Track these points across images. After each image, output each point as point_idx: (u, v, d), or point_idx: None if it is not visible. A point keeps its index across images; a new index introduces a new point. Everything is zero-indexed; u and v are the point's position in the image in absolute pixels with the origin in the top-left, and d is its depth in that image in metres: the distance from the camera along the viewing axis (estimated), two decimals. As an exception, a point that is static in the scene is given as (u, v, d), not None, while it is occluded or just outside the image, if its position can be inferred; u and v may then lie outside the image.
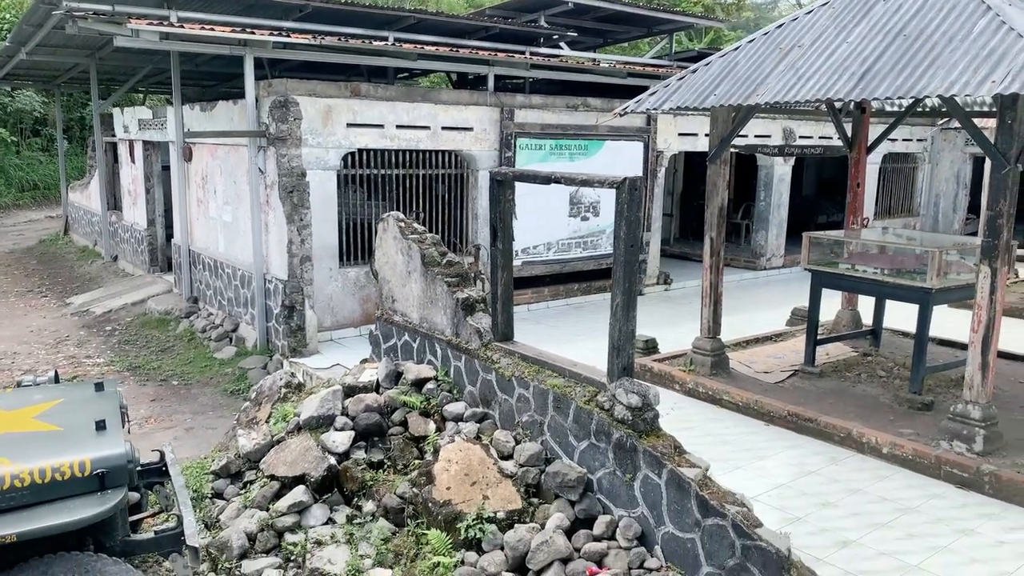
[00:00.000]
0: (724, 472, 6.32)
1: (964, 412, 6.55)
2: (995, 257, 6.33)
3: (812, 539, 5.35)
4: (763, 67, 7.50)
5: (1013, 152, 6.18)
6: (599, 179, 5.50)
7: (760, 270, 15.91)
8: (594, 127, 12.54)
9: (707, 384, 8.16)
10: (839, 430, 7.00)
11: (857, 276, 8.20)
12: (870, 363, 8.92)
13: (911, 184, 19.10)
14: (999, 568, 5.03)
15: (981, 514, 5.76)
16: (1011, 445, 6.58)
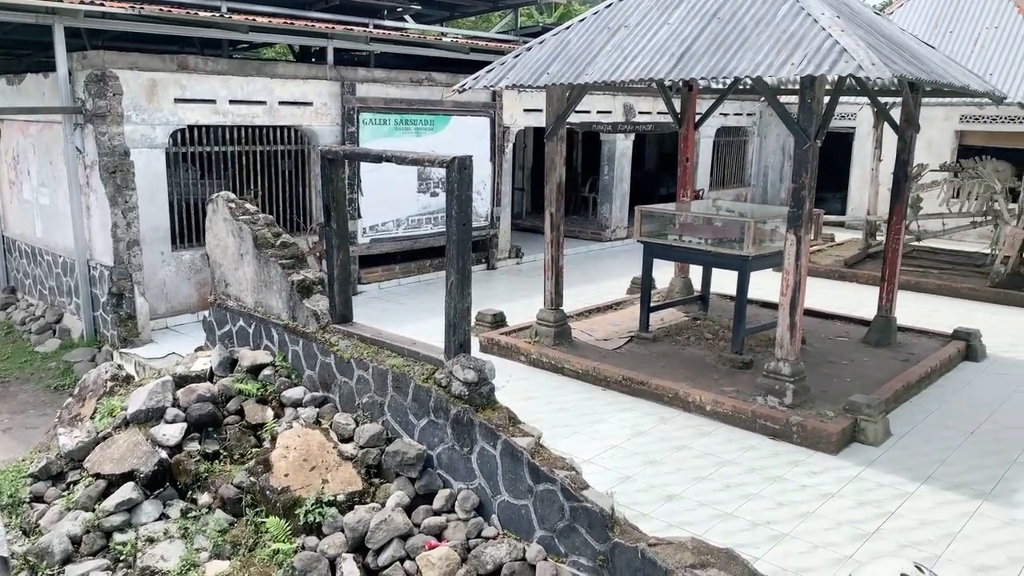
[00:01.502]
0: (562, 437, 6.60)
1: (776, 369, 7.13)
2: (800, 226, 6.89)
3: (640, 495, 5.69)
4: (592, 46, 7.74)
5: (813, 129, 6.73)
6: (429, 158, 5.53)
7: (606, 241, 16.51)
8: (440, 102, 12.51)
9: (550, 354, 8.44)
10: (668, 391, 7.45)
11: (684, 246, 8.69)
12: (699, 327, 9.51)
13: (742, 157, 20.35)
14: (802, 509, 5.56)
15: (789, 461, 6.33)
16: (817, 397, 7.24)
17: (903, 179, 8.86)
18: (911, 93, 8.48)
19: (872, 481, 6.01)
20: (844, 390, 7.39)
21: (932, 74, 7.07)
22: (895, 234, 8.99)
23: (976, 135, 17.34)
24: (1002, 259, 12.24)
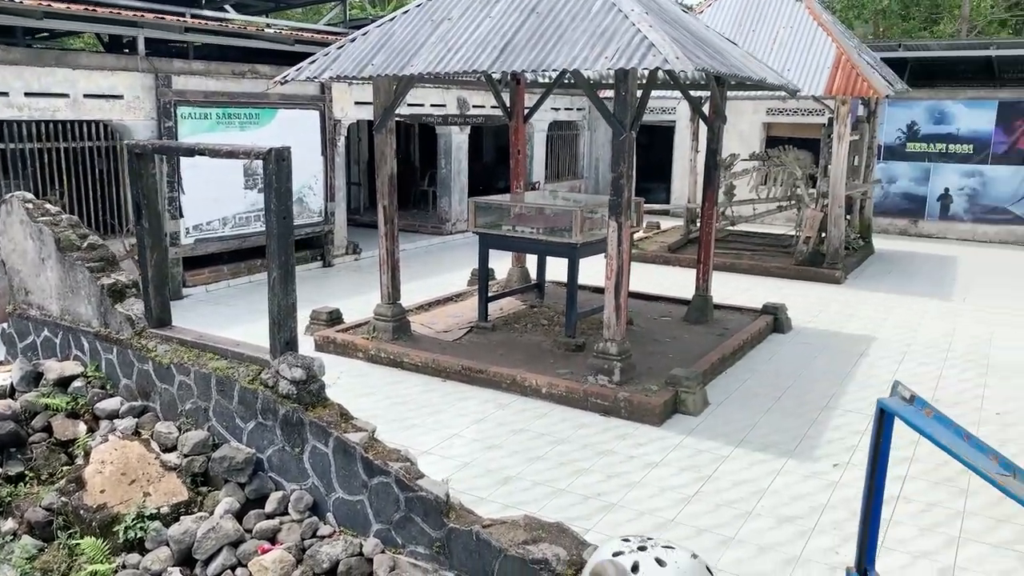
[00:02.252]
0: (401, 430, 6.59)
1: (605, 349, 7.47)
2: (620, 213, 7.24)
3: (478, 480, 5.80)
4: (417, 38, 7.74)
5: (628, 120, 7.08)
6: (245, 150, 5.33)
7: (447, 235, 16.58)
8: (266, 95, 12.06)
9: (389, 349, 8.39)
10: (505, 377, 7.62)
11: (518, 236, 8.90)
12: (536, 314, 9.79)
13: (575, 149, 21.07)
14: (630, 479, 5.86)
15: (618, 435, 6.65)
16: (643, 373, 7.65)
17: (714, 167, 9.51)
18: (717, 87, 9.12)
19: (692, 448, 6.44)
20: (667, 365, 7.85)
21: (732, 68, 7.62)
22: (708, 219, 9.65)
23: (781, 127, 18.89)
24: (804, 239, 13.44)
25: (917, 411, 2.28)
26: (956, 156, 17.02)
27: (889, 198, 17.77)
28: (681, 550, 1.88)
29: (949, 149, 17.06)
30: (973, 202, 17.12)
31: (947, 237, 17.38)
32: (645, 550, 1.92)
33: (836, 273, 12.80)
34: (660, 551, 1.89)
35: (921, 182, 17.52)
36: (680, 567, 1.85)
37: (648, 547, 1.94)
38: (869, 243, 15.39)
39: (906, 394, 2.38)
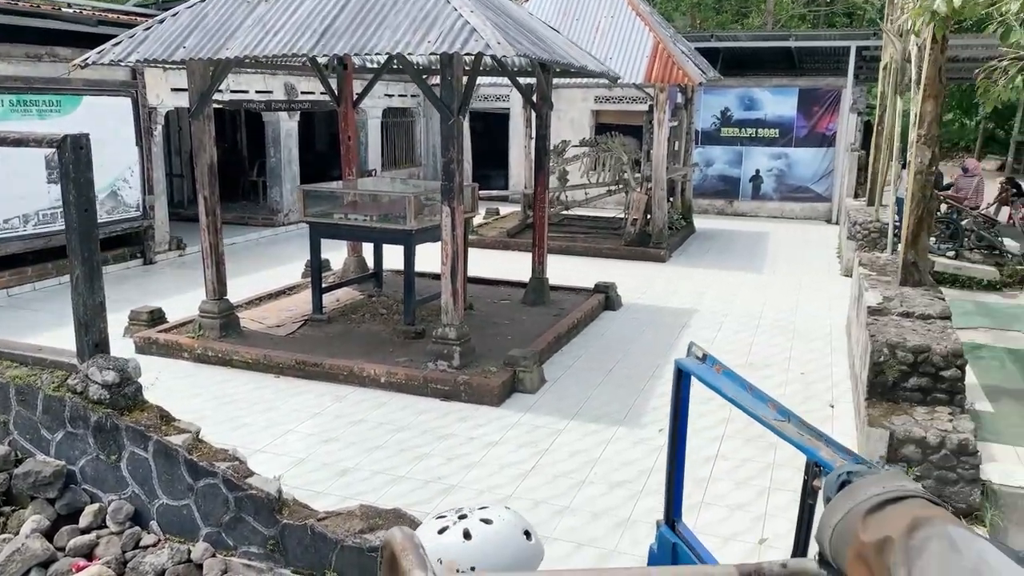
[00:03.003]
0: (232, 430, 6.32)
1: (443, 335, 7.50)
2: (453, 198, 7.27)
3: (314, 475, 5.66)
4: (233, 20, 7.38)
5: (455, 105, 7.11)
6: (35, 138, 4.87)
7: (279, 226, 15.99)
8: (68, 81, 11.08)
9: (216, 347, 8.00)
10: (342, 369, 7.48)
11: (351, 224, 8.74)
12: (374, 303, 9.66)
13: (411, 136, 20.93)
14: (469, 460, 5.94)
15: (459, 418, 6.71)
16: (483, 356, 7.75)
17: (543, 153, 9.76)
18: (543, 73, 9.34)
19: (530, 424, 6.62)
20: (506, 347, 7.99)
21: (555, 55, 7.84)
22: (541, 203, 9.90)
23: (609, 114, 19.66)
24: (632, 221, 14.10)
25: (708, 368, 2.44)
26: (764, 140, 18.43)
27: (707, 180, 18.97)
28: (495, 506, 1.91)
29: (758, 133, 18.45)
30: (781, 182, 18.62)
31: (759, 215, 18.80)
32: (467, 517, 1.93)
33: (661, 252, 13.53)
34: (481, 512, 1.92)
35: (735, 165, 18.84)
36: (505, 519, 1.89)
37: (468, 514, 1.95)
38: (690, 223, 16.38)
39: (699, 353, 2.54)
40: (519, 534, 1.79)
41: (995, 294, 11.27)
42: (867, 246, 11.57)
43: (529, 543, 1.78)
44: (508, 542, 1.76)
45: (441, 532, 1.80)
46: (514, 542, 1.76)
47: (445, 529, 1.81)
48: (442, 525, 1.82)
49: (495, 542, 1.74)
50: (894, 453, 5.71)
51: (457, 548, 1.74)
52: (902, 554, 0.92)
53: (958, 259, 11.84)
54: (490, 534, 1.76)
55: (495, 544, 1.74)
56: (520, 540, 1.77)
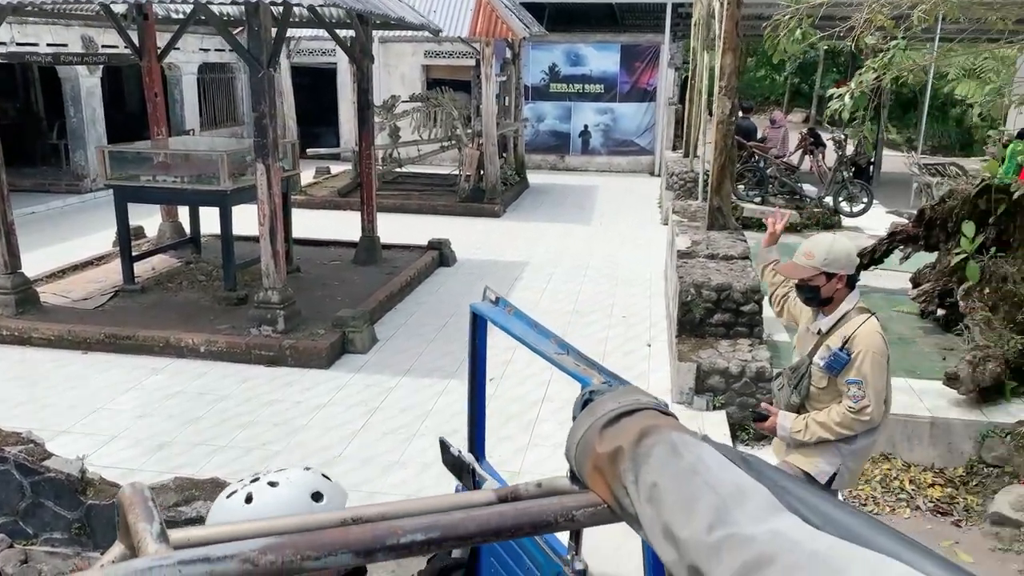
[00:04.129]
0: (32, 412, 5.84)
1: (266, 299, 7.24)
2: (267, 155, 6.96)
3: (127, 452, 5.35)
4: (2, -40, 6.61)
5: (264, 57, 6.78)
6: None
7: (85, 193, 14.71)
8: None
9: (12, 325, 7.31)
10: (158, 340, 7.06)
11: (160, 187, 8.19)
12: (192, 270, 9.16)
13: (232, 94, 19.80)
14: (296, 424, 5.82)
15: (285, 383, 6.55)
16: (311, 318, 7.56)
17: (367, 107, 9.54)
18: (362, 25, 9.07)
19: (361, 384, 6.56)
20: (336, 308, 7.83)
21: (369, 5, 7.63)
22: (367, 160, 9.70)
23: (440, 69, 19.48)
24: (465, 177, 14.15)
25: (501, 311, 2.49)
26: (591, 95, 18.96)
27: (539, 136, 19.32)
28: (293, 469, 1.87)
29: (585, 89, 18.95)
30: (607, 136, 19.28)
31: (589, 169, 19.42)
32: (257, 480, 1.87)
33: (495, 207, 13.69)
34: (271, 476, 1.86)
35: (564, 120, 19.29)
36: (292, 480, 1.84)
37: (260, 477, 1.89)
38: (524, 178, 16.66)
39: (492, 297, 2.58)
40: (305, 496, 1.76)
41: (796, 235, 12.29)
42: (683, 195, 12.27)
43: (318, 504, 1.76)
44: (291, 505, 1.74)
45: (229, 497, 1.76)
46: (298, 505, 1.74)
47: (233, 493, 1.77)
48: (231, 490, 1.78)
49: (275, 505, 1.72)
50: (701, 384, 6.16)
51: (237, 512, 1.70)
52: (630, 461, 0.96)
53: (764, 204, 12.81)
54: (271, 498, 1.73)
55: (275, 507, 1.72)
56: (305, 503, 1.75)
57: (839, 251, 3.35)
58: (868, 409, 3.31)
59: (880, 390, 3.37)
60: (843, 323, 3.40)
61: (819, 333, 3.46)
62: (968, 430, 5.90)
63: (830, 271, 3.33)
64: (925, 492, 5.67)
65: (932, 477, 5.81)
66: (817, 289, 3.36)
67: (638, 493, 0.94)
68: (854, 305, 3.43)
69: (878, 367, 3.33)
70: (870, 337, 3.32)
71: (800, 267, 3.37)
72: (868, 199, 12.94)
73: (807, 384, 3.47)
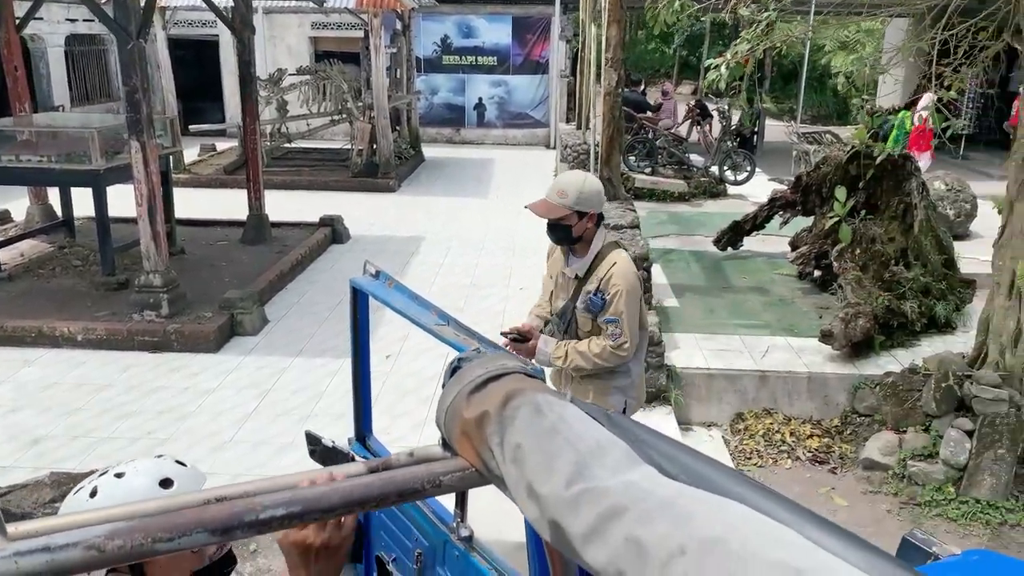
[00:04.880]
0: None
1: (148, 282, 6.91)
2: (141, 131, 6.61)
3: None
4: None
5: (133, 28, 6.40)
6: None
7: (-57, 175, 13.59)
8: None
9: None
10: (30, 331, 6.65)
11: (23, 167, 7.66)
12: (66, 255, 8.64)
13: (106, 67, 18.66)
14: (184, 411, 5.61)
15: (170, 370, 6.29)
16: (198, 301, 7.28)
17: (249, 80, 9.18)
18: (240, -6, 8.70)
19: (252, 367, 6.38)
20: (224, 290, 7.57)
21: (246, -27, 7.31)
22: (252, 135, 9.36)
23: (328, 41, 18.94)
24: (358, 152, 13.87)
25: (381, 284, 2.45)
26: (484, 67, 18.88)
27: (434, 109, 19.12)
28: (144, 459, 1.80)
29: (478, 61, 18.84)
30: (502, 109, 19.27)
31: (485, 142, 19.38)
32: (105, 474, 1.80)
33: (390, 182, 13.50)
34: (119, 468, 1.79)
35: (459, 92, 19.15)
36: (139, 469, 1.77)
37: (110, 470, 1.83)
38: (419, 152, 16.47)
39: (372, 270, 2.55)
40: (153, 484, 1.70)
41: (684, 204, 12.69)
42: (577, 167, 12.43)
43: (166, 491, 1.70)
44: (137, 493, 1.68)
45: (75, 494, 1.69)
46: (145, 493, 1.68)
47: (80, 490, 1.70)
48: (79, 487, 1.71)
49: (121, 496, 1.65)
50: (595, 351, 6.29)
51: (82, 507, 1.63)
52: (496, 424, 0.97)
53: (654, 175, 13.14)
54: (116, 489, 1.67)
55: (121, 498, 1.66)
56: (153, 491, 1.69)
57: (591, 190, 3.36)
58: (625, 345, 3.42)
59: (635, 324, 3.49)
60: (598, 264, 3.45)
61: (576, 278, 3.49)
62: (842, 383, 6.29)
63: (582, 210, 3.33)
64: (804, 443, 6.02)
65: (810, 429, 6.17)
66: (569, 228, 3.37)
67: (503, 455, 0.95)
68: (604, 242, 3.47)
69: (632, 304, 3.45)
70: (623, 277, 3.41)
71: (553, 206, 3.35)
72: (751, 168, 13.46)
73: (575, 328, 3.52)
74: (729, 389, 6.40)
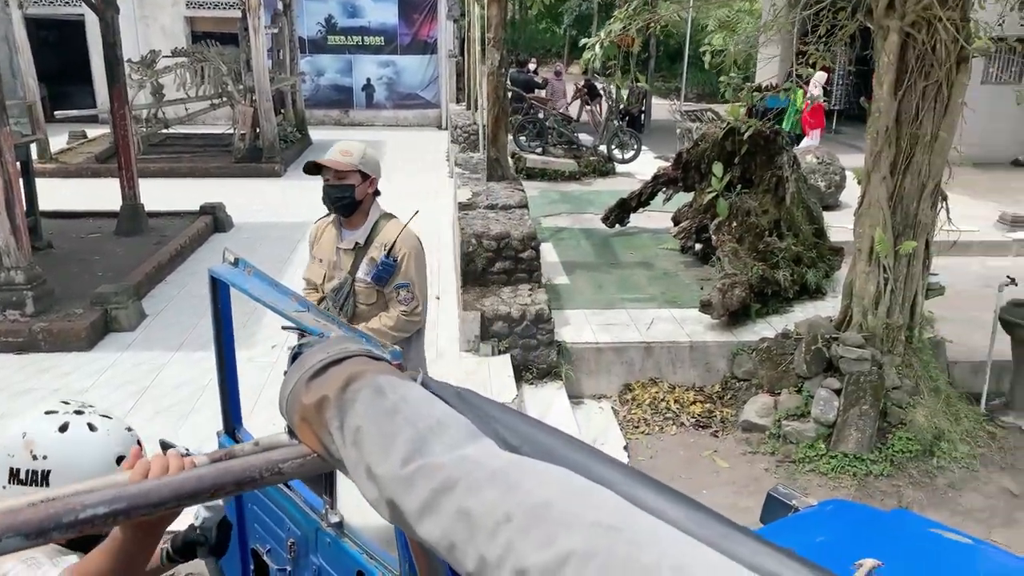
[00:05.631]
0: None
1: (9, 280, 6.47)
2: (-8, 118, 6.16)
3: None
4: None
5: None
6: None
7: None
8: None
9: None
10: None
11: None
12: (-85, 254, 7.98)
13: (-43, 49, 17.22)
14: (54, 414, 5.30)
15: (40, 370, 5.93)
16: (65, 298, 6.86)
17: (116, 63, 8.69)
18: (100, -30, 8.20)
19: (129, 363, 6.09)
20: (96, 284, 7.17)
21: (104, -52, 6.89)
22: (121, 120, 8.87)
23: (205, 21, 18.12)
24: (240, 136, 13.38)
25: (240, 272, 2.39)
26: (371, 48, 18.52)
27: (320, 90, 18.64)
28: (118, 420, 1.75)
29: (365, 41, 18.47)
30: (392, 90, 18.98)
31: (375, 124, 19.06)
32: (81, 414, 1.75)
33: (275, 167, 13.09)
34: (96, 418, 1.74)
35: (346, 73, 18.73)
36: (111, 432, 1.73)
37: (86, 412, 1.77)
38: (306, 135, 16.03)
39: (231, 258, 2.47)
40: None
41: (575, 183, 12.89)
42: (468, 148, 12.42)
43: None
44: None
45: (63, 430, 1.66)
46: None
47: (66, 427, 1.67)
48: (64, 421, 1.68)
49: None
50: (486, 330, 6.34)
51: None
52: (336, 408, 0.96)
53: (545, 155, 13.28)
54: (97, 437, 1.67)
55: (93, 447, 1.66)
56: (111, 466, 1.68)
57: (372, 157, 3.43)
58: (418, 308, 3.48)
59: (424, 288, 3.55)
60: (378, 231, 3.45)
61: (356, 247, 3.46)
62: (722, 350, 6.57)
63: (366, 171, 3.37)
64: (688, 409, 6.26)
65: (694, 395, 6.42)
66: (352, 188, 3.36)
67: (343, 438, 0.94)
68: (381, 213, 3.51)
69: (421, 267, 3.51)
70: (410, 240, 3.45)
71: (339, 162, 3.35)
72: (638, 146, 13.79)
73: (353, 303, 3.46)
74: (617, 361, 6.58)
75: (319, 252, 3.61)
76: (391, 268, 3.39)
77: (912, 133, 5.37)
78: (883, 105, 5.34)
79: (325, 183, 3.42)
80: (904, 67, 5.27)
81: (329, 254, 3.53)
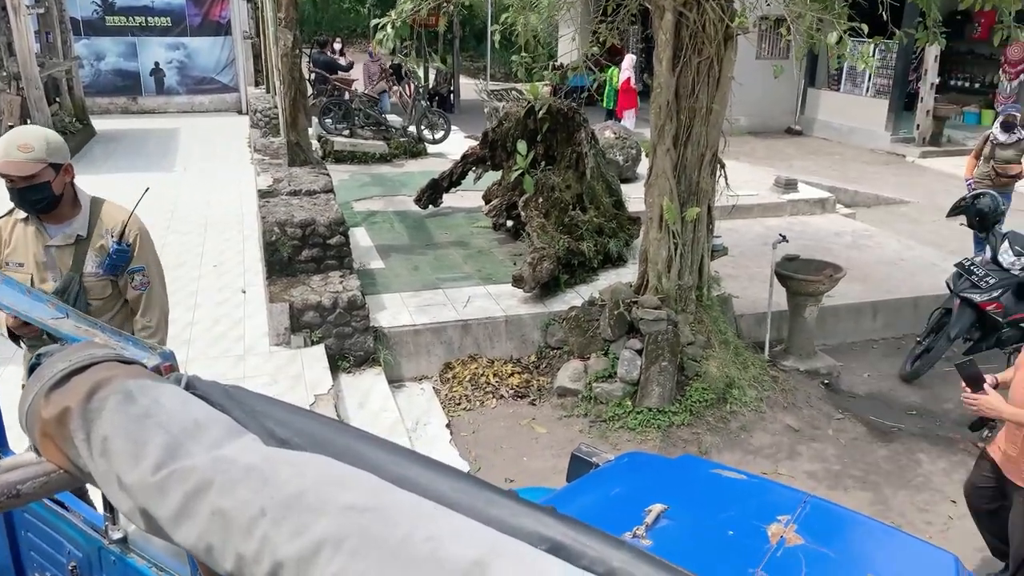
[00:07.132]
0: None
1: None
2: None
3: None
4: None
5: None
6: None
7: None
8: None
9: None
10: None
11: None
12: None
13: None
14: None
15: None
16: None
17: None
18: None
19: None
20: None
21: None
22: None
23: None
24: (7, 128, 12.02)
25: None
26: (157, 29, 17.20)
27: (102, 76, 17.10)
28: None
29: (149, 22, 17.11)
30: (184, 74, 17.77)
31: (168, 111, 17.78)
32: None
33: (54, 160, 11.89)
34: None
35: (130, 57, 17.29)
36: None
37: None
38: (88, 125, 14.68)
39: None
40: None
41: (387, 165, 12.74)
42: (269, 132, 11.92)
43: None
44: None
45: None
46: None
47: None
48: None
49: None
50: (297, 322, 6.16)
51: None
52: (80, 419, 0.89)
53: (352, 137, 13.00)
54: None
55: None
56: None
57: (56, 140, 3.05)
58: (156, 291, 3.31)
59: (160, 271, 3.39)
60: (98, 219, 3.18)
61: (78, 240, 3.14)
62: (535, 321, 6.79)
63: (56, 161, 2.98)
64: (507, 382, 6.43)
65: (511, 368, 6.60)
66: (48, 185, 2.96)
67: (90, 450, 0.87)
68: (91, 198, 3.22)
69: (151, 246, 3.34)
70: (135, 222, 3.22)
71: (23, 164, 2.88)
72: (447, 126, 13.85)
73: (84, 301, 3.12)
74: (436, 342, 6.62)
75: (15, 256, 3.12)
76: (126, 254, 3.12)
77: (690, 107, 5.78)
78: (663, 81, 5.69)
79: (11, 187, 2.95)
80: (680, 45, 5.64)
81: (35, 255, 3.11)
